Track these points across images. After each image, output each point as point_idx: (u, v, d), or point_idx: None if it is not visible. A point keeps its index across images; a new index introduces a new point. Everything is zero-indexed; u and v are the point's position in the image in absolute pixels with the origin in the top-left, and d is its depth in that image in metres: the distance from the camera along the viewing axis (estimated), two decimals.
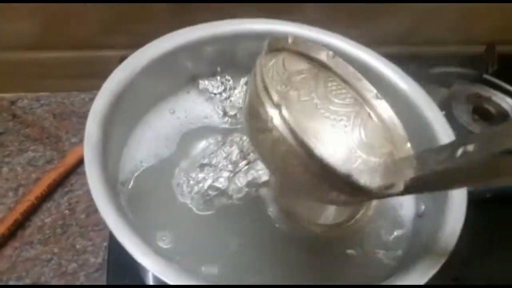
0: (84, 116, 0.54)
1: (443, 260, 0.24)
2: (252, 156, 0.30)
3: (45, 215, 0.43)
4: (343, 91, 0.28)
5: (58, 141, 0.49)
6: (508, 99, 0.55)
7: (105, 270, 0.38)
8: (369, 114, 0.28)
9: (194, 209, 0.30)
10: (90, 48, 0.52)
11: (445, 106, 0.51)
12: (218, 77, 0.36)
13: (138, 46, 0.52)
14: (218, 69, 0.37)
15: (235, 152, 0.31)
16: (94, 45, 0.51)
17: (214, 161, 0.31)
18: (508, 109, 0.53)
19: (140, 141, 0.33)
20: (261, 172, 0.30)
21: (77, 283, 0.39)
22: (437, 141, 0.32)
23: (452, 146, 0.20)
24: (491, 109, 0.52)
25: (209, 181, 0.30)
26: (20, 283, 0.39)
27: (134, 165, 0.32)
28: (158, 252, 0.23)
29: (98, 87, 0.54)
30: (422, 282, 0.24)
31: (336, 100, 0.28)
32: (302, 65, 0.27)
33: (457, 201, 0.27)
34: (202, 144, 0.33)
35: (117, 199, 0.28)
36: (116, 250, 0.37)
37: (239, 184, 0.30)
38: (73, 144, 0.49)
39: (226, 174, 0.31)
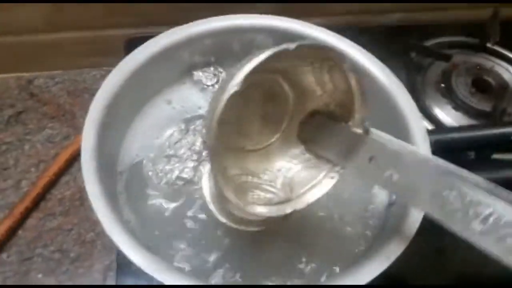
0: (95, 93, 0.58)
1: (413, 231, 0.27)
2: None
3: (64, 189, 0.48)
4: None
5: (73, 118, 0.53)
6: (511, 68, 0.54)
7: None
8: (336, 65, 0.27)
9: (163, 201, 0.33)
10: (97, 28, 0.54)
11: (445, 79, 0.52)
12: (212, 68, 0.38)
13: (143, 25, 0.54)
14: (212, 59, 0.39)
15: (198, 141, 0.34)
16: (101, 25, 0.53)
17: (179, 152, 0.34)
18: (509, 80, 0.53)
19: (137, 132, 0.35)
20: None
21: (95, 250, 0.44)
22: (409, 132, 0.33)
23: None
24: (491, 80, 0.52)
25: (176, 172, 0.34)
26: (46, 251, 0.44)
27: (131, 155, 0.35)
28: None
29: (107, 64, 0.57)
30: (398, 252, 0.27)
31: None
32: None
33: None
34: (167, 133, 0.35)
35: (114, 189, 0.32)
36: None
37: (203, 172, 0.34)
38: None
39: (191, 164, 0.34)
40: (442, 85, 0.52)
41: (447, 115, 0.50)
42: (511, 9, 0.58)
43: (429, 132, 0.31)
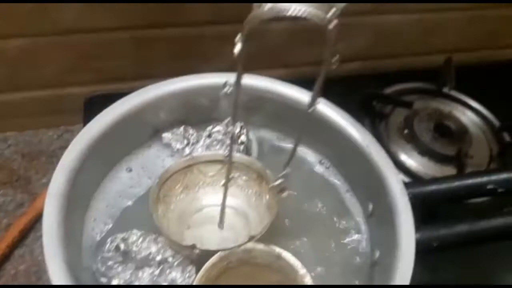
0: (53, 155, 0.54)
1: None
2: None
3: (18, 262, 0.44)
4: (246, 170, 0.36)
5: (28, 183, 0.49)
6: (468, 112, 0.56)
7: None
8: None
9: None
10: (56, 86, 0.51)
11: (408, 125, 0.53)
12: (181, 129, 0.37)
13: (103, 82, 0.52)
14: (181, 117, 0.38)
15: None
16: (60, 83, 0.51)
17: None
18: (468, 124, 0.54)
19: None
20: None
21: None
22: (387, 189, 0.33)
23: None
24: (452, 125, 0.53)
25: None
26: None
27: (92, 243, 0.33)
28: None
29: (64, 123, 0.54)
30: None
31: (245, 177, 0.37)
32: (214, 168, 0.36)
33: (406, 249, 0.29)
34: None
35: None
36: None
37: None
38: (44, 185, 0.49)
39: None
40: (406, 131, 0.52)
41: (414, 161, 0.50)
42: (464, 54, 0.61)
43: (407, 186, 0.31)
